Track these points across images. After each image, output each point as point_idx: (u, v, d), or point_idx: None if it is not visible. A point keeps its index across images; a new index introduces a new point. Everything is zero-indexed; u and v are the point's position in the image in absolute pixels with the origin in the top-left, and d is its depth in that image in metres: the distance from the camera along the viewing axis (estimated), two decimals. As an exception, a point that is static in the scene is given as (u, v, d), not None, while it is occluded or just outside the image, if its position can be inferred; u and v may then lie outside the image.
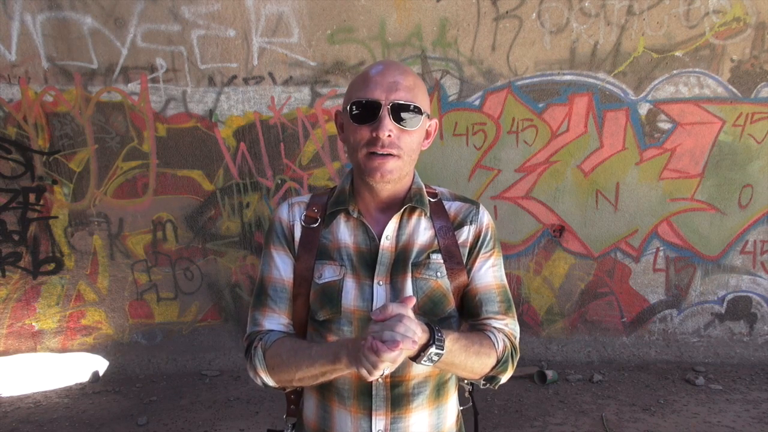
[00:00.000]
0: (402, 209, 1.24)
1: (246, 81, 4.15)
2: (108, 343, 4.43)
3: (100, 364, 4.35)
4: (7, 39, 3.96)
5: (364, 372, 0.97)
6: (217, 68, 4.12)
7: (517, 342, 1.25)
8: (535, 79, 4.16)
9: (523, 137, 4.25)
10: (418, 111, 1.17)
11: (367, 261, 1.22)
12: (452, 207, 1.30)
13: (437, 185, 1.37)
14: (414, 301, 1.01)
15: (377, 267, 1.21)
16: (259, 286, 1.28)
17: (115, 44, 4.04)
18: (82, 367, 4.30)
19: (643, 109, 4.17)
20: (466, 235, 1.26)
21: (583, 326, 4.48)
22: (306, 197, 1.32)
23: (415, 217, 1.26)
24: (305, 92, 4.19)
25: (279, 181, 4.32)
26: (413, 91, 1.17)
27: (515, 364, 1.24)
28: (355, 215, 1.24)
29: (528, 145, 4.25)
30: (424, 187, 1.30)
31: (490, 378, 1.21)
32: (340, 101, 4.32)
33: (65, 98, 4.10)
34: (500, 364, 1.19)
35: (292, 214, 1.28)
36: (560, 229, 4.36)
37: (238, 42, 4.08)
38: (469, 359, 1.12)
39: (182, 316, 4.45)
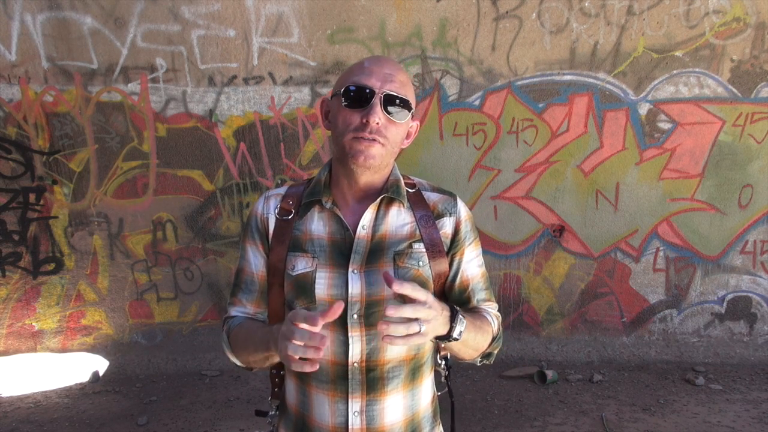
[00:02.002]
0: (379, 200, 1.26)
1: (246, 81, 4.15)
2: (108, 343, 4.43)
3: (100, 364, 4.35)
4: (7, 39, 3.96)
5: (284, 357, 0.98)
6: (217, 68, 4.12)
7: (500, 319, 1.38)
8: (535, 79, 4.16)
9: (523, 137, 4.25)
10: (406, 106, 1.21)
11: (341, 250, 1.24)
12: (431, 197, 1.33)
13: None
14: (342, 306, 0.99)
15: (352, 256, 1.23)
16: (235, 277, 1.36)
17: (115, 44, 4.04)
18: (82, 367, 4.30)
19: (643, 109, 4.18)
20: (446, 227, 1.30)
21: (583, 326, 4.48)
22: (282, 189, 1.35)
23: (393, 207, 1.28)
24: (305, 92, 4.19)
25: (279, 181, 4.32)
26: (405, 87, 1.22)
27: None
28: (328, 206, 1.26)
29: (528, 145, 4.25)
30: (401, 178, 1.32)
31: (487, 354, 1.33)
32: (340, 101, 4.31)
33: (65, 98, 4.10)
34: (495, 340, 1.31)
35: (267, 207, 1.31)
36: (560, 229, 4.36)
37: (238, 42, 4.08)
38: (477, 336, 1.22)
39: (182, 316, 4.45)
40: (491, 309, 1.35)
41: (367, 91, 1.17)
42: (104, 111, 4.16)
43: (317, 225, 1.27)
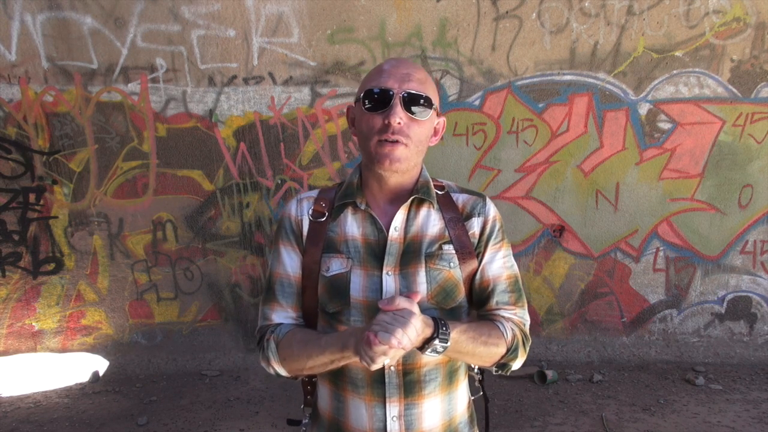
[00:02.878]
0: (410, 200, 1.27)
1: (246, 81, 4.15)
2: (108, 343, 4.43)
3: (100, 364, 4.35)
4: (7, 39, 3.96)
5: (364, 362, 1.02)
6: (217, 68, 4.12)
7: (527, 329, 1.30)
8: (535, 79, 4.16)
9: (523, 137, 4.25)
10: (428, 103, 1.21)
11: (375, 252, 1.24)
12: (460, 199, 1.33)
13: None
14: (419, 296, 1.07)
15: (386, 257, 1.23)
16: (268, 281, 1.32)
17: (115, 44, 4.04)
18: (82, 367, 4.30)
19: (643, 109, 4.18)
20: (474, 227, 1.29)
21: (583, 326, 4.48)
22: (314, 192, 1.35)
23: (423, 209, 1.28)
24: (305, 92, 4.19)
25: (279, 181, 4.32)
26: (425, 84, 1.22)
27: (527, 350, 1.28)
28: (363, 207, 1.27)
29: (528, 145, 4.25)
30: (431, 180, 1.33)
31: (502, 365, 1.26)
32: (341, 101, 4.32)
33: (65, 98, 4.10)
34: (510, 352, 1.24)
35: (300, 209, 1.31)
36: (560, 229, 4.36)
37: (238, 42, 4.08)
38: (477, 349, 1.18)
39: (182, 316, 4.45)
40: (513, 316, 1.28)
41: (388, 93, 1.18)
42: (104, 111, 4.16)
43: (351, 226, 1.27)
